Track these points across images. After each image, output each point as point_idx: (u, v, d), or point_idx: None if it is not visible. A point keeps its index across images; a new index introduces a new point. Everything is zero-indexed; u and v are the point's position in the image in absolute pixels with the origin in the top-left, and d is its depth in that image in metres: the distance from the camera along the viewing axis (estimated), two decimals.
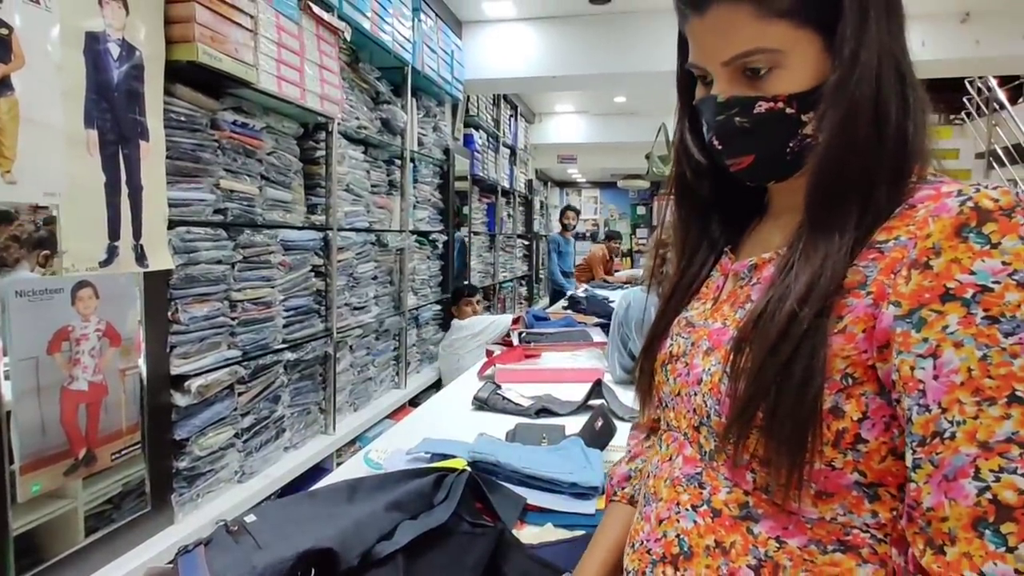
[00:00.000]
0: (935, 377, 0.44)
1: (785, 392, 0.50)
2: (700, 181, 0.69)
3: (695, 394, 0.60)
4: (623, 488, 0.83)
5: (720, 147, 0.61)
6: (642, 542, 0.63)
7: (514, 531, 0.99)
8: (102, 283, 1.45)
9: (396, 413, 3.04)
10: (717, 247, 0.71)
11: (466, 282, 4.33)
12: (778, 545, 0.53)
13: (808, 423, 0.49)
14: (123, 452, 1.54)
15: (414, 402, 3.28)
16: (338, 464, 2.21)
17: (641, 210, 11.67)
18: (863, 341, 0.49)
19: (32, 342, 1.30)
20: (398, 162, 3.20)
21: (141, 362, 1.59)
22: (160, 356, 1.66)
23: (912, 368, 0.46)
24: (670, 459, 0.64)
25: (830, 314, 0.51)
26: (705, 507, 0.57)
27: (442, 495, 1.00)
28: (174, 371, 1.69)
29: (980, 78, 6.11)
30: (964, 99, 6.54)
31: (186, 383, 1.71)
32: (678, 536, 0.59)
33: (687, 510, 0.58)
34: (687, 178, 0.70)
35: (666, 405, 0.68)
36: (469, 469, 1.10)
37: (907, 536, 0.47)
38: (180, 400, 1.70)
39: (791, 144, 0.57)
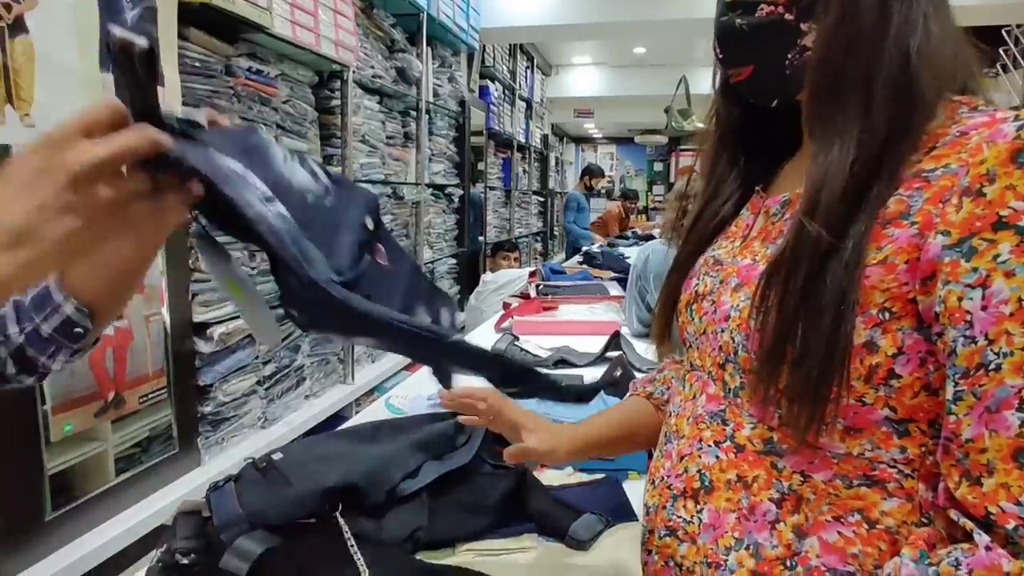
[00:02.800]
0: (983, 308, 0.43)
1: (815, 327, 0.49)
2: (734, 117, 0.68)
3: (722, 331, 0.59)
4: (644, 387, 0.84)
5: (721, 55, 0.61)
6: (663, 478, 0.63)
7: (535, 473, 1.00)
8: None
9: (412, 365, 3.07)
10: (748, 186, 0.70)
11: (481, 238, 4.32)
12: (802, 479, 0.53)
13: (839, 358, 0.48)
14: (150, 396, 1.57)
15: None
16: (357, 412, 2.25)
17: (658, 166, 11.46)
18: (904, 273, 0.48)
19: None
20: (413, 113, 3.15)
21: (165, 310, 1.61)
22: (183, 304, 1.68)
23: (960, 299, 0.44)
24: (693, 398, 0.64)
25: (865, 245, 0.49)
26: (728, 443, 0.57)
27: (463, 438, 1.02)
28: (196, 318, 1.72)
29: (1019, 26, 5.83)
30: (1001, 50, 6.26)
31: (208, 330, 1.74)
32: (699, 471, 0.59)
33: (709, 446, 0.58)
34: (722, 115, 0.69)
35: (690, 345, 0.67)
36: None
37: (942, 468, 0.46)
38: (203, 347, 1.73)
39: (789, 55, 0.56)
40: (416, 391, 1.36)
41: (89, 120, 0.44)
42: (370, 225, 0.63)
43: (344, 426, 1.13)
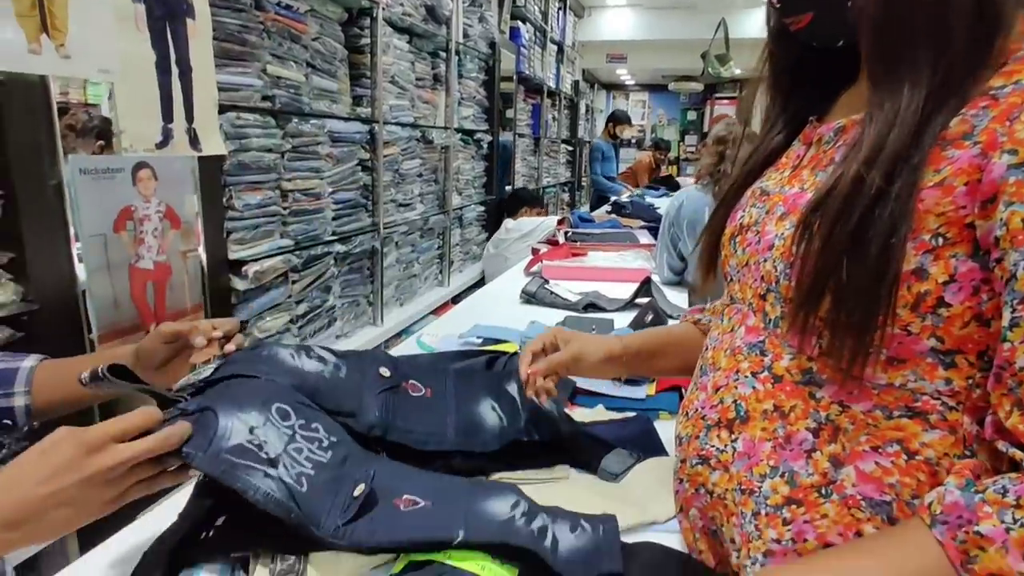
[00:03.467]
0: None
1: (862, 255, 0.47)
2: (788, 59, 0.66)
3: (764, 261, 0.58)
4: (692, 315, 0.86)
5: (778, 4, 0.58)
6: (697, 409, 0.64)
7: (565, 410, 1.01)
8: (159, 165, 1.47)
9: (439, 310, 3.11)
10: (801, 119, 0.67)
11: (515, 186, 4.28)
12: (840, 409, 0.52)
13: (886, 286, 0.47)
14: None
15: (457, 300, 3.34)
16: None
17: (691, 115, 11.10)
18: (963, 195, 0.46)
19: (99, 219, 1.34)
20: (443, 54, 3.08)
21: (201, 249, 1.64)
22: (218, 241, 1.71)
23: (1023, 220, 0.42)
24: (731, 331, 0.63)
25: (922, 169, 0.47)
26: (766, 374, 0.57)
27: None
28: (231, 256, 1.75)
29: None
30: None
31: (243, 268, 1.77)
32: (735, 402, 0.59)
33: (746, 377, 0.58)
34: (776, 56, 0.67)
35: (731, 279, 0.66)
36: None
37: (992, 398, 0.46)
38: (239, 284, 1.77)
39: None
40: (447, 330, 1.37)
41: (125, 427, 0.53)
42: (386, 373, 0.81)
43: None
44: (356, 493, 0.62)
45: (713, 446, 0.60)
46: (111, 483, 0.51)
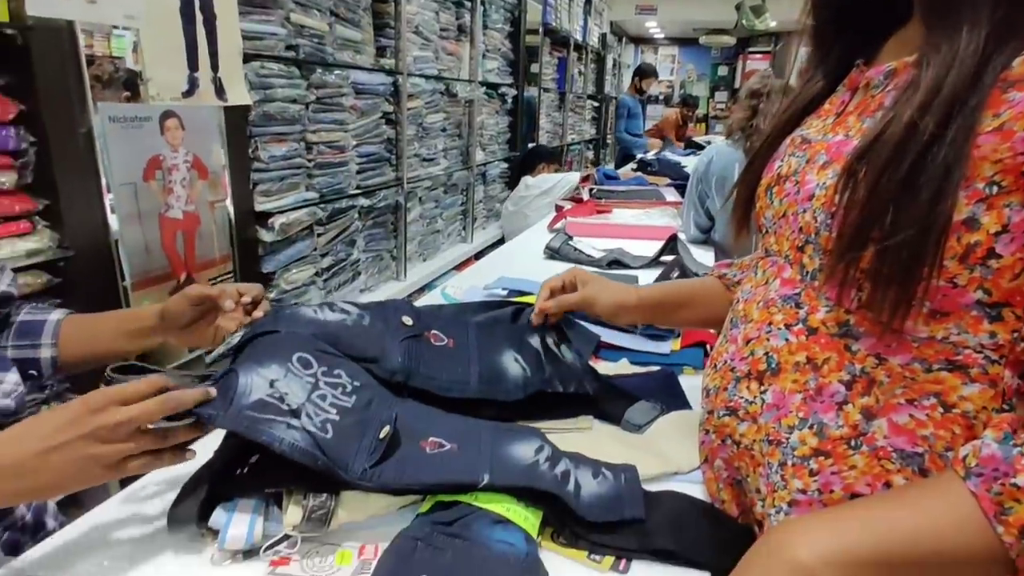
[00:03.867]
0: None
1: (910, 203, 0.46)
2: (833, 5, 0.63)
3: (804, 211, 0.56)
4: (719, 269, 0.86)
5: None
6: (726, 361, 0.63)
7: (588, 363, 1.02)
8: (186, 115, 1.47)
9: (462, 266, 3.11)
10: (846, 63, 0.64)
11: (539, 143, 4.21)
12: (877, 362, 0.51)
13: (933, 236, 0.45)
14: (218, 280, 1.65)
15: (479, 257, 3.34)
16: None
17: (722, 71, 10.72)
18: (1023, 141, 0.43)
19: (129, 168, 1.36)
20: (468, 4, 3.00)
21: (228, 201, 1.65)
22: (244, 192, 1.72)
23: None
24: (765, 283, 0.62)
25: (979, 113, 0.45)
26: (800, 326, 0.56)
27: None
28: (258, 207, 1.76)
29: None
30: None
31: (270, 220, 1.78)
32: (766, 354, 0.58)
33: (779, 329, 0.57)
34: (820, 3, 0.64)
35: (766, 231, 0.65)
36: None
37: None
38: (265, 236, 1.78)
39: None
40: (471, 282, 1.38)
41: (127, 393, 0.55)
42: (409, 321, 0.82)
43: None
44: (382, 435, 0.63)
45: (742, 397, 0.60)
46: (108, 443, 0.53)
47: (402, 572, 0.54)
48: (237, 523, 0.58)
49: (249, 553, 0.59)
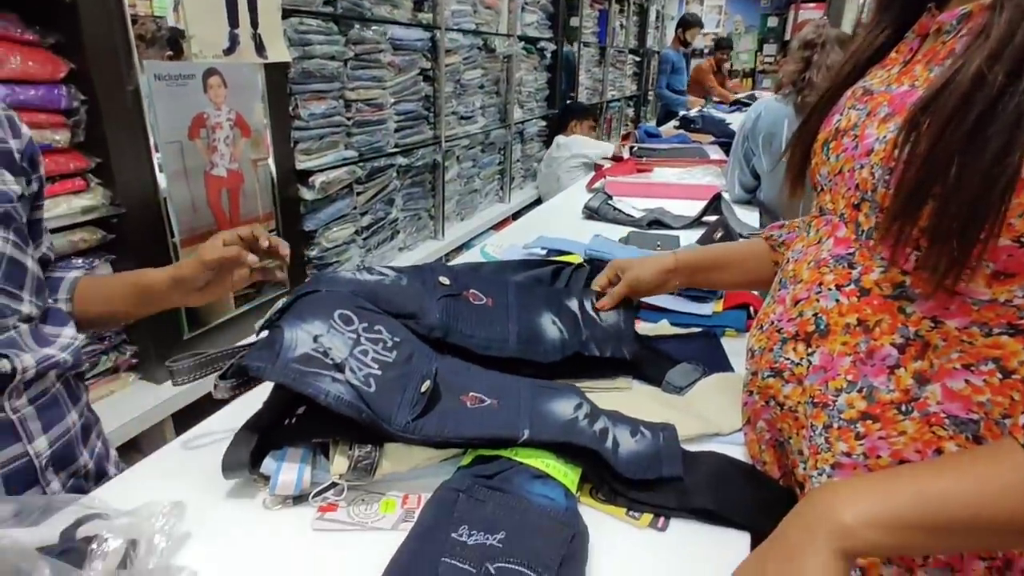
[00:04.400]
0: None
1: (975, 157, 0.43)
2: None
3: (861, 168, 0.54)
4: (770, 232, 0.84)
5: None
6: (772, 322, 0.62)
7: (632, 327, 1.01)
8: (228, 72, 1.48)
9: (499, 226, 3.11)
10: (914, 9, 0.60)
11: (577, 100, 4.11)
12: (932, 325, 0.49)
13: (998, 192, 0.42)
14: None
15: (517, 217, 3.32)
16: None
17: (772, 21, 10.18)
18: None
19: (174, 126, 1.38)
20: None
21: (271, 160, 1.67)
22: (286, 151, 1.74)
23: None
24: (818, 242, 0.60)
25: None
26: (852, 287, 0.54)
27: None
28: (299, 166, 1.78)
29: None
30: None
31: (310, 178, 1.80)
32: (816, 315, 0.56)
33: (830, 290, 0.55)
34: None
35: (821, 188, 0.62)
36: (587, 264, 1.11)
37: None
38: (306, 194, 1.80)
39: None
40: (510, 241, 1.37)
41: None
42: (446, 281, 0.83)
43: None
44: (423, 389, 0.64)
45: (787, 359, 0.58)
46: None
47: (443, 521, 0.55)
48: (287, 470, 0.61)
49: (299, 499, 0.61)
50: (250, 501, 0.62)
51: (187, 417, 1.45)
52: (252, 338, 0.70)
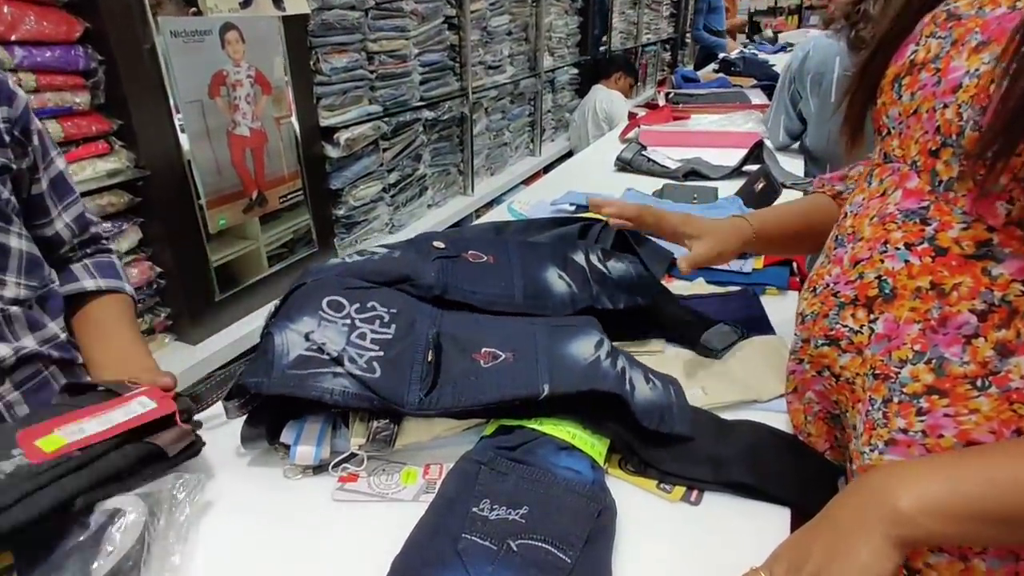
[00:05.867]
0: None
1: None
2: None
3: (944, 107, 0.46)
4: (833, 184, 0.76)
5: None
6: (828, 285, 0.56)
7: (663, 282, 0.96)
8: (246, 26, 1.44)
9: (530, 180, 3.03)
10: None
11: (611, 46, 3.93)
12: (1023, 289, 0.43)
13: None
14: (288, 197, 1.67)
15: (548, 170, 3.24)
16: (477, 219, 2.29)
17: None
18: None
19: (194, 85, 1.35)
20: None
21: (294, 117, 1.64)
22: (309, 107, 1.70)
23: None
24: (882, 195, 0.53)
25: None
26: (925, 245, 0.48)
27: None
28: (323, 123, 1.74)
29: None
30: None
31: (335, 135, 1.77)
32: (879, 277, 0.50)
33: (897, 249, 0.49)
34: None
35: (888, 132, 0.55)
36: None
37: None
38: (331, 152, 1.77)
39: None
40: (539, 196, 1.32)
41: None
42: (441, 245, 0.79)
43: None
44: (430, 358, 0.62)
45: (845, 326, 0.53)
46: None
47: (464, 495, 0.53)
48: (306, 440, 0.59)
49: (319, 469, 0.60)
50: (272, 471, 0.61)
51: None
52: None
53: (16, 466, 0.44)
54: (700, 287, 0.97)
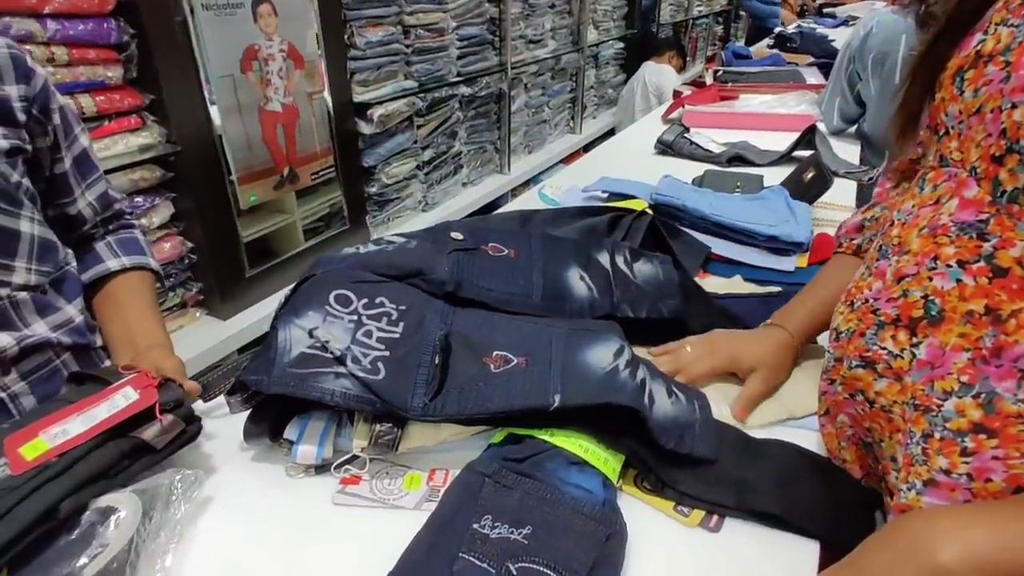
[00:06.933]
0: None
1: None
2: None
3: (1011, 107, 0.40)
4: (852, 239, 0.69)
5: None
6: (867, 300, 0.50)
7: (696, 279, 0.90)
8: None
9: (569, 159, 2.96)
10: None
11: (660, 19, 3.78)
12: None
13: None
14: (320, 173, 1.66)
15: (588, 149, 3.16)
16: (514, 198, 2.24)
17: None
18: None
19: (226, 59, 1.34)
20: None
21: (327, 92, 1.61)
22: (342, 83, 1.67)
23: None
24: (935, 203, 0.47)
25: None
26: (982, 263, 0.42)
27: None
28: (356, 99, 1.72)
29: None
30: None
31: (368, 111, 1.74)
32: (925, 297, 0.45)
33: (949, 266, 0.43)
34: None
35: (946, 132, 0.48)
36: (650, 212, 1.00)
37: None
38: (364, 128, 1.75)
39: None
40: (571, 182, 1.27)
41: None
42: (459, 236, 0.76)
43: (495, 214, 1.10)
44: (438, 361, 0.59)
45: (884, 348, 0.48)
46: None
47: (466, 509, 0.50)
48: (308, 439, 0.57)
49: (321, 469, 0.58)
50: (275, 467, 0.59)
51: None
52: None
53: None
54: (738, 285, 0.91)
